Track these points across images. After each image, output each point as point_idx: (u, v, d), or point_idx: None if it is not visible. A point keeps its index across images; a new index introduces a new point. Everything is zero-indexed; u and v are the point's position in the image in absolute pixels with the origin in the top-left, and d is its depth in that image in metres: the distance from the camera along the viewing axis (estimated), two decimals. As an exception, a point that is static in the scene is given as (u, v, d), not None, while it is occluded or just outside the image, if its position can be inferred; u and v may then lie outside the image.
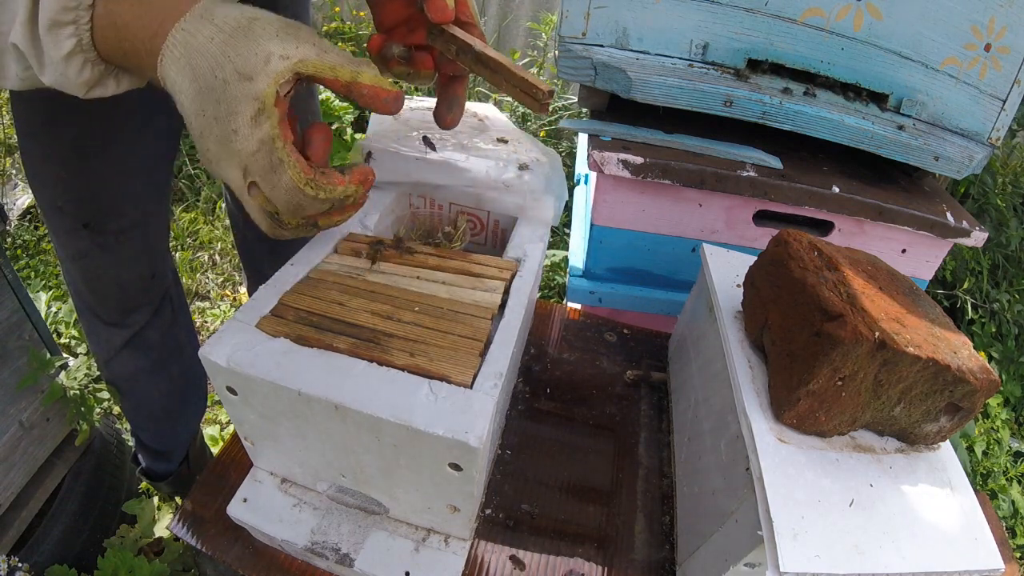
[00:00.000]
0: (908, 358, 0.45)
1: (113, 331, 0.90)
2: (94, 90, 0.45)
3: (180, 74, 0.41)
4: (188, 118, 0.42)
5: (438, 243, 0.76)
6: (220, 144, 0.42)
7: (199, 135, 0.42)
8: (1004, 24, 0.85)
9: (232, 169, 0.43)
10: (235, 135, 0.41)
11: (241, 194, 0.44)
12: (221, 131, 0.41)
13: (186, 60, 0.40)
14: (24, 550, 0.89)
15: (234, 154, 0.42)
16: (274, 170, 0.42)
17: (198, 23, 0.40)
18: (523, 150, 0.77)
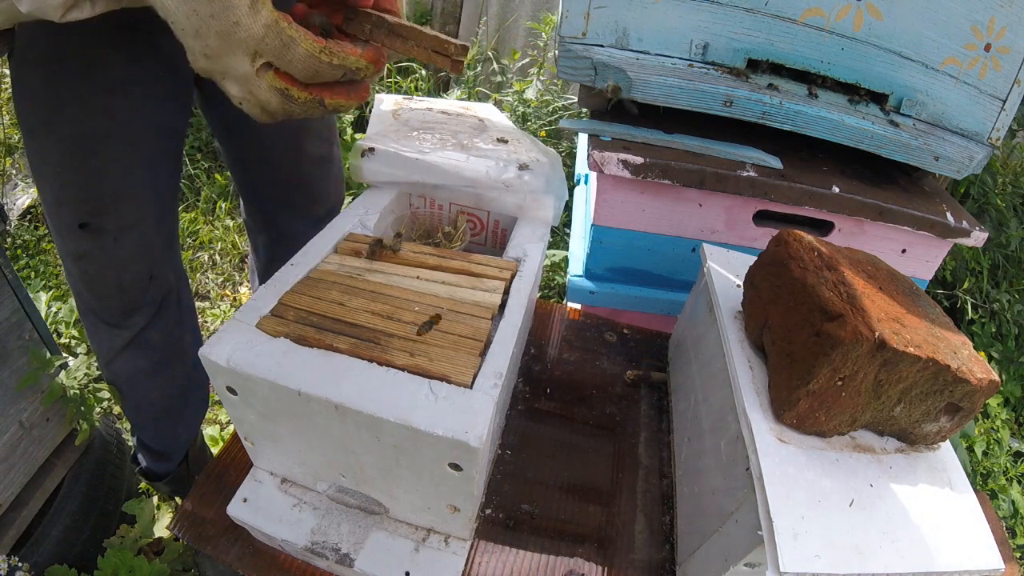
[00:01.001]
0: (908, 358, 0.45)
1: (114, 332, 0.89)
2: (70, 12, 0.47)
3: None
4: (178, 20, 0.44)
5: (438, 243, 0.76)
6: (222, 38, 0.44)
7: (194, 34, 0.44)
8: (1004, 24, 0.84)
9: (238, 58, 0.46)
10: (237, 27, 0.44)
11: (247, 81, 0.47)
12: (221, 26, 0.44)
13: None
14: (24, 550, 0.89)
15: (240, 43, 0.45)
16: (287, 47, 0.46)
17: None
18: (523, 150, 0.78)
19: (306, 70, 0.49)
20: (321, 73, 0.50)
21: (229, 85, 0.49)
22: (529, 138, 0.83)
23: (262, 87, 0.48)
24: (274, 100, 0.50)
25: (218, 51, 0.45)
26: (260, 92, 0.49)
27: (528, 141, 0.81)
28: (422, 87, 2.60)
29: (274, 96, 0.49)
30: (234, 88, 0.49)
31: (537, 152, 0.78)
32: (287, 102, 0.50)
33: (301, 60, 0.48)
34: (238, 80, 0.48)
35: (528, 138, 0.83)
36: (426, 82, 2.63)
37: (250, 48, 0.46)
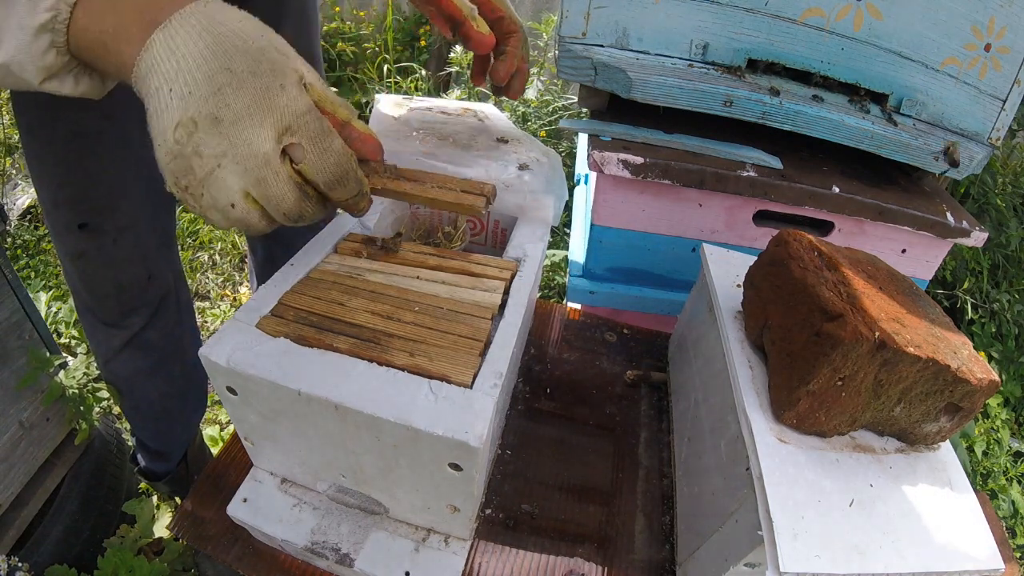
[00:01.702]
0: (908, 358, 0.45)
1: (112, 331, 0.90)
2: (49, 82, 0.42)
3: (191, 38, 0.39)
4: (189, 78, 0.38)
5: (438, 243, 0.76)
6: (257, 98, 0.39)
7: (214, 91, 0.38)
8: (1004, 24, 0.84)
9: (262, 131, 0.39)
10: (282, 90, 0.40)
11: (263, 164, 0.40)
12: (263, 84, 0.39)
13: (207, 27, 0.39)
14: (24, 550, 0.89)
15: (276, 110, 0.40)
16: (325, 134, 0.42)
17: (221, 6, 0.41)
18: (523, 150, 0.78)
19: (336, 170, 0.43)
20: (344, 183, 0.44)
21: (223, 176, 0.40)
22: (529, 138, 0.83)
23: (280, 175, 0.41)
24: (291, 195, 0.42)
25: (240, 115, 0.39)
26: (275, 183, 0.41)
27: (528, 141, 0.81)
28: (422, 87, 2.60)
29: (291, 190, 0.42)
30: (232, 178, 0.40)
31: (537, 152, 0.78)
32: (303, 200, 0.43)
33: (336, 155, 0.42)
34: (247, 163, 0.39)
35: (528, 138, 0.83)
36: (426, 82, 2.63)
37: (284, 121, 0.40)
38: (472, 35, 0.67)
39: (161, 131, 0.39)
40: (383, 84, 2.61)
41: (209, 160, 0.39)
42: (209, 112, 0.38)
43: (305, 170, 0.42)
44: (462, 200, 0.55)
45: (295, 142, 0.41)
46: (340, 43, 2.73)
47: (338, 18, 2.81)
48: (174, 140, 0.39)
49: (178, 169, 0.40)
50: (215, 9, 0.40)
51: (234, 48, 0.39)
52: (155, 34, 0.38)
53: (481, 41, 0.68)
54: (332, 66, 2.70)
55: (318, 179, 0.43)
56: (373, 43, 2.75)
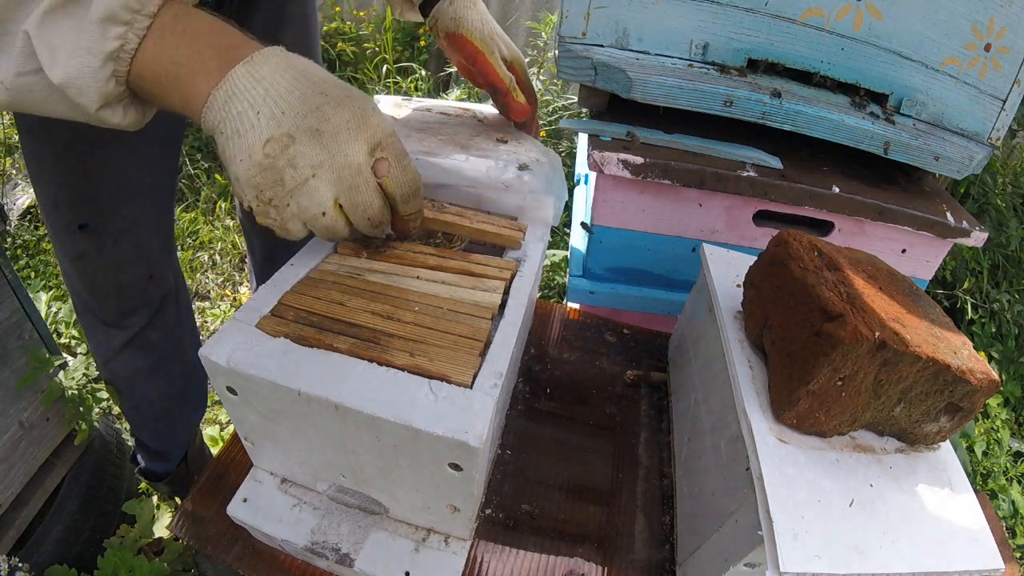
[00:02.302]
0: (908, 358, 0.45)
1: (112, 332, 0.89)
2: (104, 110, 0.43)
3: (277, 71, 0.43)
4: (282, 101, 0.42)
5: (438, 243, 0.76)
6: (355, 115, 0.44)
7: (313, 108, 0.42)
8: (1004, 24, 0.84)
9: (357, 141, 0.44)
10: (373, 113, 0.45)
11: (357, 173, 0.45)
12: (359, 105, 0.44)
13: (289, 64, 0.43)
14: (24, 550, 0.89)
15: (370, 128, 0.45)
16: (405, 155, 0.48)
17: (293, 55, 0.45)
18: (523, 150, 0.77)
19: (411, 185, 0.49)
20: (414, 198, 0.50)
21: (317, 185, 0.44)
22: (529, 138, 0.83)
23: (371, 184, 0.46)
24: (377, 201, 0.47)
25: (339, 129, 0.43)
26: (365, 190, 0.46)
27: (528, 141, 0.81)
28: (422, 87, 2.61)
29: (378, 197, 0.47)
30: (324, 186, 0.44)
31: (537, 152, 0.78)
32: (385, 209, 0.49)
33: (412, 173, 0.48)
34: (342, 172, 0.44)
35: (528, 138, 0.83)
36: (426, 82, 2.63)
37: (376, 138, 0.45)
38: (513, 105, 0.79)
39: (246, 148, 0.42)
40: (383, 84, 2.61)
41: (304, 170, 0.43)
42: (309, 126, 0.42)
43: (387, 183, 0.47)
44: (503, 232, 0.64)
45: (383, 157, 0.46)
46: (340, 43, 2.74)
47: (338, 18, 2.81)
48: (263, 155, 0.42)
49: (265, 182, 0.43)
50: (291, 54, 0.45)
51: (322, 80, 0.44)
52: (238, 67, 0.41)
53: (520, 111, 0.79)
54: (332, 66, 2.70)
55: (397, 191, 0.48)
56: (373, 43, 2.75)
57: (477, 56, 0.75)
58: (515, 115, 0.80)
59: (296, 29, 0.89)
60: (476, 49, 0.75)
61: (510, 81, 0.77)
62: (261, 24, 0.84)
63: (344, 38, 2.76)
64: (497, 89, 0.78)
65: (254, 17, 0.83)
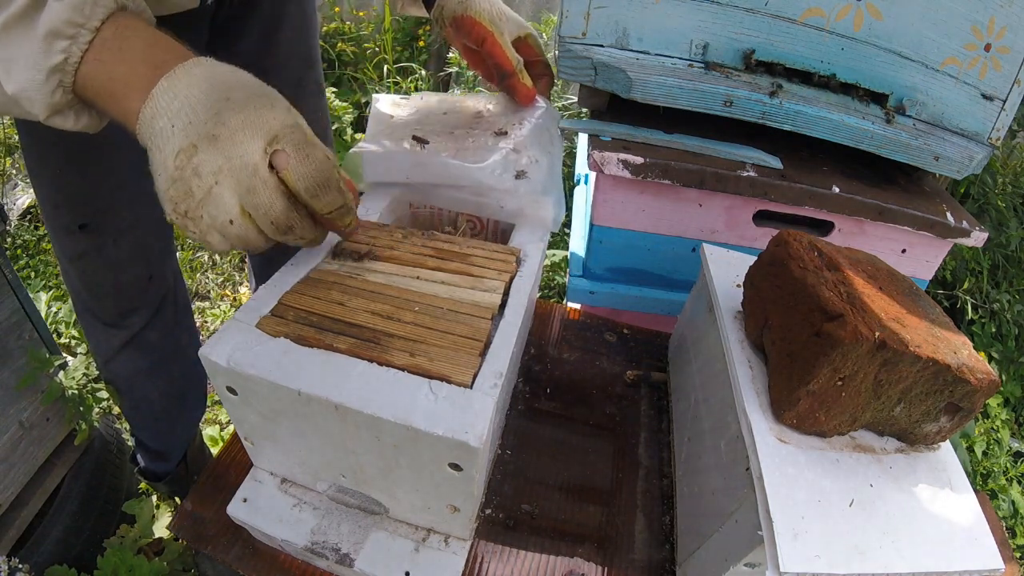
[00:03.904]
0: (908, 358, 0.45)
1: (112, 332, 0.89)
2: (54, 117, 0.44)
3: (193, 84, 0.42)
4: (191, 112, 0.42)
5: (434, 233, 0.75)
6: (250, 113, 0.42)
7: (213, 115, 0.41)
8: (1004, 24, 0.84)
9: (251, 143, 0.42)
10: (272, 107, 0.43)
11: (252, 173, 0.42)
12: (255, 104, 0.43)
13: (206, 75, 0.43)
14: (24, 550, 0.89)
15: (265, 123, 0.42)
16: (309, 143, 0.44)
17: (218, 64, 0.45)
18: (522, 145, 0.75)
19: (318, 176, 0.44)
20: (326, 190, 0.45)
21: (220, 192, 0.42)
22: (531, 127, 0.80)
23: (269, 184, 0.43)
24: (278, 203, 0.44)
25: (235, 130, 0.41)
26: (263, 191, 0.43)
27: (529, 132, 0.79)
28: (422, 87, 2.61)
29: (278, 198, 0.43)
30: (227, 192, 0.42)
31: (537, 149, 0.76)
32: (291, 210, 0.45)
33: (318, 161, 0.44)
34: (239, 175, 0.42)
35: (530, 128, 0.80)
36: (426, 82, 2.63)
37: (272, 130, 0.42)
38: (520, 88, 0.75)
39: (162, 161, 0.42)
40: (383, 84, 2.61)
41: (208, 178, 0.42)
42: (207, 132, 0.41)
43: (287, 177, 0.43)
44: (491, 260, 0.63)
45: (279, 149, 0.43)
46: (340, 43, 2.73)
47: (338, 18, 2.81)
48: (175, 166, 0.41)
49: (178, 194, 0.42)
50: (214, 62, 0.44)
51: (235, 83, 0.43)
52: (160, 82, 0.42)
53: (527, 95, 0.76)
54: (332, 66, 2.70)
55: (298, 185, 0.44)
56: (373, 43, 2.75)
57: (486, 38, 0.73)
58: (522, 99, 0.77)
59: (295, 29, 0.89)
60: (485, 30, 0.73)
61: (517, 63, 0.75)
62: (260, 24, 0.84)
63: (344, 38, 2.76)
64: (504, 71, 0.75)
65: (253, 17, 0.83)
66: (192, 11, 0.68)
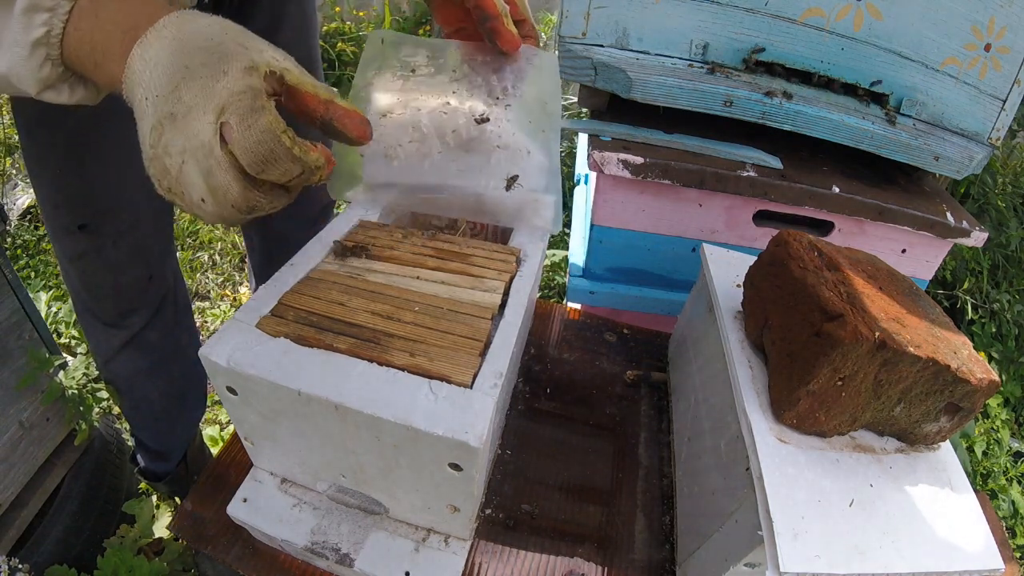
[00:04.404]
0: (908, 358, 0.45)
1: (112, 332, 0.89)
2: (47, 92, 0.43)
3: (162, 48, 0.39)
4: (159, 83, 0.39)
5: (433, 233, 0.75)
6: (202, 86, 0.39)
7: (172, 89, 0.39)
8: (1004, 24, 0.85)
9: (204, 115, 0.39)
10: (224, 75, 0.39)
11: (206, 154, 0.39)
12: (209, 72, 0.39)
13: (175, 35, 0.40)
14: (24, 550, 0.89)
15: (215, 95, 0.39)
16: (254, 111, 0.40)
17: (196, 15, 0.42)
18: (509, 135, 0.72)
19: (259, 147, 0.40)
20: (273, 162, 0.41)
21: (189, 171, 0.40)
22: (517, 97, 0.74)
23: (222, 164, 0.40)
24: (235, 186, 0.41)
25: (190, 107, 0.39)
26: (219, 172, 0.40)
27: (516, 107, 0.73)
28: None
29: (235, 181, 0.41)
30: (194, 172, 0.40)
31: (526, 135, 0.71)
32: (250, 189, 0.42)
33: (260, 130, 0.40)
34: (198, 155, 0.39)
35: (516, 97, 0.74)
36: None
37: (220, 102, 0.39)
38: (503, 32, 0.68)
39: (142, 138, 0.41)
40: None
41: (176, 157, 0.40)
42: (168, 111, 0.39)
43: (234, 151, 0.40)
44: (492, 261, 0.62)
45: (225, 121, 0.39)
46: (340, 43, 2.74)
47: (338, 18, 2.81)
48: (150, 144, 0.40)
49: (157, 172, 0.41)
50: (186, 17, 0.41)
51: (194, 47, 0.40)
52: (134, 49, 0.40)
53: (511, 40, 0.69)
54: (332, 66, 2.70)
55: (243, 160, 0.41)
56: (373, 43, 2.74)
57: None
58: (504, 43, 0.69)
59: (295, 29, 0.89)
60: None
61: (503, 8, 0.68)
62: (260, 24, 0.84)
63: (344, 38, 2.76)
64: (487, 14, 0.68)
65: (253, 17, 0.83)
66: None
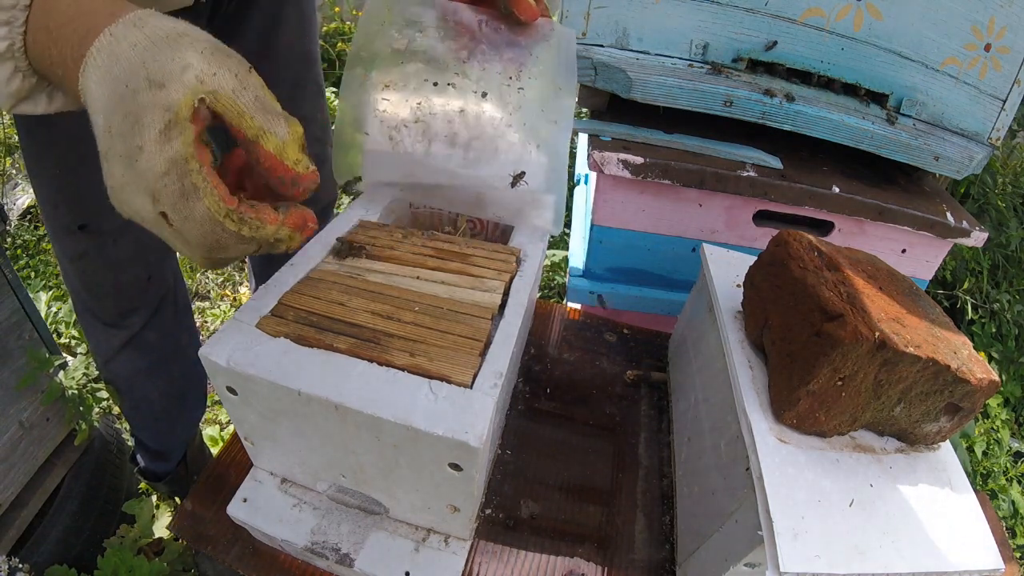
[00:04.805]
0: (908, 358, 0.45)
1: (111, 332, 0.89)
2: (22, 104, 0.41)
3: (99, 84, 0.35)
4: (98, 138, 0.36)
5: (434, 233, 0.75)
6: (125, 165, 0.35)
7: (104, 157, 0.36)
8: (1004, 24, 0.85)
9: (140, 196, 0.36)
10: (140, 152, 0.34)
11: (158, 228, 0.37)
12: (126, 148, 0.35)
13: (107, 68, 0.35)
14: (24, 550, 0.89)
15: (140, 176, 0.35)
16: (186, 197, 0.35)
17: (127, 29, 0.36)
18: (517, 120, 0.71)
19: (203, 239, 0.37)
20: (224, 245, 0.38)
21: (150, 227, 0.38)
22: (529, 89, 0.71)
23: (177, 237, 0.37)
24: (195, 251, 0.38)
25: (121, 183, 0.36)
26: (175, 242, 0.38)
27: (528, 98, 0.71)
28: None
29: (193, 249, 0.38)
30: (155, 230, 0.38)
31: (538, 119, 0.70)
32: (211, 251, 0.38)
33: (199, 222, 0.36)
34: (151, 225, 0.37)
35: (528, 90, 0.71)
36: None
37: (150, 187, 0.35)
38: (520, 1, 0.65)
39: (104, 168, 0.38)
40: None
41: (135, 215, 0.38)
42: (107, 176, 0.37)
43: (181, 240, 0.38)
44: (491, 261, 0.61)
45: (161, 210, 0.36)
46: (340, 43, 2.74)
47: (338, 18, 2.81)
48: (109, 186, 0.38)
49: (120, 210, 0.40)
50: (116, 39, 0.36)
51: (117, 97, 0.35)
52: (79, 76, 0.37)
53: (529, 8, 0.66)
54: (332, 66, 2.70)
55: (195, 249, 0.38)
56: (373, 43, 2.74)
57: None
58: (522, 11, 0.66)
59: (294, 29, 0.89)
60: None
61: None
62: (259, 24, 0.84)
63: (344, 38, 2.76)
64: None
65: (252, 17, 0.83)
66: (188, 11, 0.68)
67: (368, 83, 0.69)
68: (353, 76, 0.69)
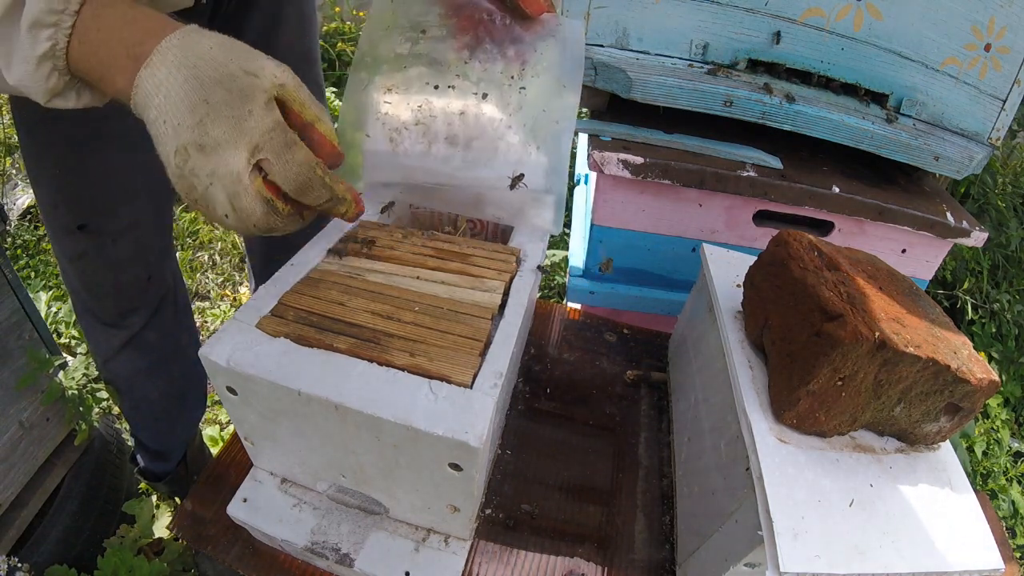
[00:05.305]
0: (908, 358, 0.45)
1: (111, 332, 0.89)
2: (55, 99, 0.47)
3: (171, 73, 0.43)
4: (177, 111, 0.43)
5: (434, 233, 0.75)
6: (231, 125, 0.44)
7: (197, 123, 0.43)
8: (1004, 24, 0.85)
9: (237, 152, 0.44)
10: (251, 115, 0.44)
11: (236, 182, 0.45)
12: (234, 112, 0.44)
13: (182, 61, 0.44)
14: (24, 550, 0.89)
15: (246, 132, 0.44)
16: (289, 147, 0.45)
17: (197, 35, 0.45)
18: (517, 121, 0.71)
19: (299, 179, 0.46)
20: (309, 189, 0.47)
21: (215, 192, 0.45)
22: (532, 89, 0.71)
23: (249, 192, 0.45)
24: (258, 209, 0.46)
25: (219, 142, 0.44)
26: (244, 197, 0.45)
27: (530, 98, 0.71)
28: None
29: (258, 205, 0.46)
30: (220, 194, 0.45)
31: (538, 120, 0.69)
32: (271, 214, 0.47)
33: (298, 165, 0.46)
34: (225, 181, 0.45)
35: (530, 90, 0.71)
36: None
37: (254, 140, 0.44)
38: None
39: (165, 156, 0.45)
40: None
41: (203, 179, 0.45)
42: (195, 141, 0.44)
43: (275, 180, 0.46)
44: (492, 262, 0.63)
45: (264, 158, 0.45)
46: (340, 43, 2.73)
47: (338, 18, 2.81)
48: (175, 165, 0.45)
49: (183, 188, 0.46)
50: (189, 41, 0.44)
51: (209, 80, 0.44)
52: (140, 71, 0.44)
53: (535, 2, 0.68)
54: (332, 66, 2.70)
55: (285, 187, 0.46)
56: (373, 43, 2.74)
57: None
58: (528, 5, 0.68)
59: (294, 29, 0.89)
60: None
61: None
62: (259, 24, 0.84)
63: (344, 38, 2.76)
64: None
65: (252, 17, 0.83)
66: (188, 11, 0.68)
67: (371, 86, 0.70)
68: (357, 80, 0.70)
